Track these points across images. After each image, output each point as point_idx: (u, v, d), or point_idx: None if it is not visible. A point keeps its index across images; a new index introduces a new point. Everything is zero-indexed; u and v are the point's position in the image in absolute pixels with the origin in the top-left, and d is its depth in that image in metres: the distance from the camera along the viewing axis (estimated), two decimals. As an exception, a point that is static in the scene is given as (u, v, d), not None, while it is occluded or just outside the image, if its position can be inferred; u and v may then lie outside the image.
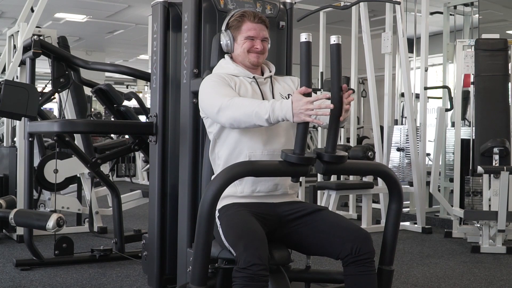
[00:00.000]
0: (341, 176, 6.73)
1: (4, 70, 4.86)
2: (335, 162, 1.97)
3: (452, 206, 5.05)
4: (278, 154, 2.17)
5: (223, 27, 2.32)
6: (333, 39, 1.92)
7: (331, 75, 1.97)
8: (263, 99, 2.22)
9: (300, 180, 6.23)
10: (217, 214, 2.15)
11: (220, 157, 2.22)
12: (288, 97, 2.26)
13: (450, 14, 6.54)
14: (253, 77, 2.26)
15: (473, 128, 5.11)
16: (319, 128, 6.78)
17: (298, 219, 2.15)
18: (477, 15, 6.65)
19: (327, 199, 5.15)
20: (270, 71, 2.34)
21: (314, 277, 2.36)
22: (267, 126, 2.04)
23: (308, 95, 1.90)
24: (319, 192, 5.63)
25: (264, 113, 1.96)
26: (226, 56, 2.33)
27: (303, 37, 1.90)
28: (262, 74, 2.32)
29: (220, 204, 2.17)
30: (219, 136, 2.22)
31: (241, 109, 2.01)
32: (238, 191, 2.18)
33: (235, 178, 1.90)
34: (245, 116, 2.00)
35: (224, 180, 1.86)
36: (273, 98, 2.25)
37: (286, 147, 2.20)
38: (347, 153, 2.03)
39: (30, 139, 3.55)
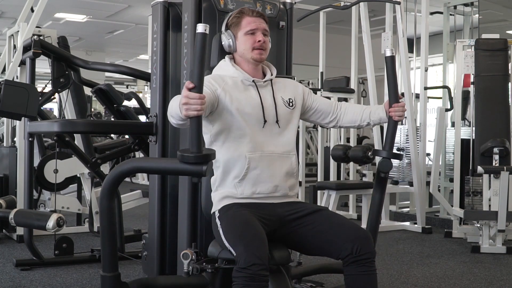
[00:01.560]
0: (341, 176, 6.74)
1: (4, 70, 4.85)
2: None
3: (452, 206, 5.05)
4: (277, 156, 2.18)
5: (223, 28, 2.30)
6: (388, 52, 2.26)
7: (388, 85, 2.30)
8: (262, 102, 2.21)
9: (300, 180, 6.25)
10: (217, 214, 2.15)
11: (219, 159, 2.18)
12: (289, 101, 2.27)
13: (450, 14, 6.54)
14: (253, 81, 2.25)
15: (473, 128, 5.11)
16: (319, 128, 6.78)
17: (298, 219, 2.15)
18: (477, 15, 6.65)
19: (327, 199, 5.15)
20: (272, 74, 2.31)
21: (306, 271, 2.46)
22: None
23: (194, 90, 1.80)
24: (319, 192, 5.64)
25: (178, 111, 1.89)
26: (226, 57, 2.30)
27: (200, 28, 1.76)
28: (264, 75, 2.31)
29: (220, 204, 2.17)
30: (216, 138, 2.20)
31: (172, 111, 1.98)
32: (238, 193, 2.17)
33: (124, 176, 2.04)
34: (177, 118, 1.95)
35: (112, 179, 2.07)
36: (274, 101, 2.24)
37: (285, 149, 2.21)
38: (402, 153, 2.16)
39: (30, 139, 3.55)
